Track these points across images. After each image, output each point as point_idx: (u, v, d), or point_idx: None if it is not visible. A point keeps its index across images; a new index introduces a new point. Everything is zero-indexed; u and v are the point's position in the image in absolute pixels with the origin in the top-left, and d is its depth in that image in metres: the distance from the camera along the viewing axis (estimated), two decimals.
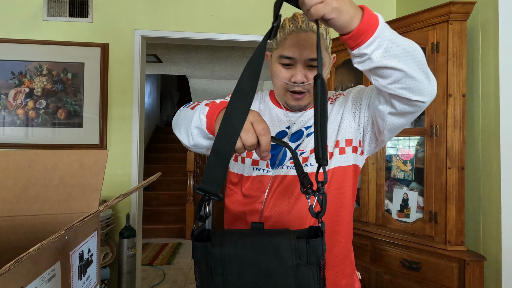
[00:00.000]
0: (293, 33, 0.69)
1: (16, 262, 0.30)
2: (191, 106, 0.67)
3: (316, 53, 0.57)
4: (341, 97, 0.78)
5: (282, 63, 0.71)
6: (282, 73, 0.71)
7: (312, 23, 0.68)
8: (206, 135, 0.58)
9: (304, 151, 0.73)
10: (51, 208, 0.63)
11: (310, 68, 0.70)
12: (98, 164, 0.68)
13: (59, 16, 2.08)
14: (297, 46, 0.68)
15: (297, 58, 0.69)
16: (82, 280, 0.59)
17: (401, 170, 1.64)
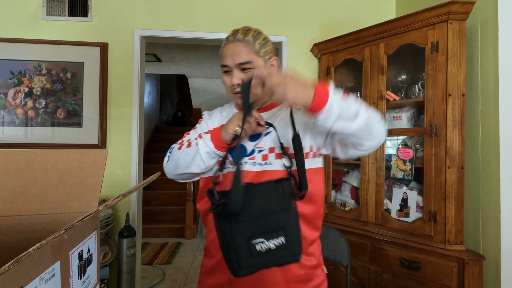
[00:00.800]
0: (225, 45, 0.85)
1: (15, 262, 0.30)
2: (185, 145, 0.83)
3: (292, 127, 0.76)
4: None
5: (223, 71, 0.86)
6: (225, 79, 0.86)
7: (240, 34, 0.83)
8: (214, 155, 0.80)
9: (263, 149, 0.83)
10: (50, 208, 0.63)
11: (244, 70, 0.83)
12: (98, 163, 0.68)
13: (59, 15, 2.08)
14: (228, 56, 0.83)
15: (231, 65, 0.83)
16: (82, 280, 0.59)
17: (400, 170, 1.64)
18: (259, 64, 0.84)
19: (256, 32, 0.85)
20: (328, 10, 2.25)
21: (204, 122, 0.97)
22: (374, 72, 1.72)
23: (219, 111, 0.99)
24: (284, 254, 0.68)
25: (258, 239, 0.67)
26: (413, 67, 1.79)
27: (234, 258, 0.66)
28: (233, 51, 0.82)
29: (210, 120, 0.97)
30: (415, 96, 1.67)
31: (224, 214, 0.67)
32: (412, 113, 1.68)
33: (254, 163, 0.82)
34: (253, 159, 0.82)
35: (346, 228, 1.76)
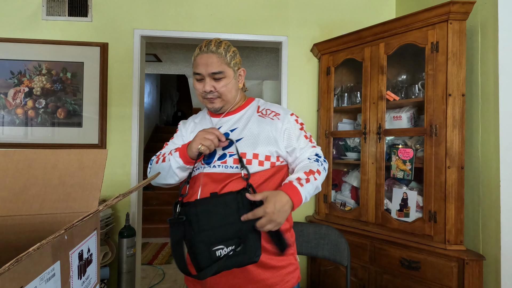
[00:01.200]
0: (198, 55, 0.93)
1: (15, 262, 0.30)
2: (160, 160, 0.97)
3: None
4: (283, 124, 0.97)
5: (196, 78, 0.95)
6: (197, 86, 0.95)
7: (212, 46, 0.92)
8: (185, 168, 0.92)
9: (234, 154, 0.92)
10: (50, 208, 0.63)
11: (216, 80, 0.93)
12: (98, 163, 0.68)
13: (59, 15, 2.08)
14: (202, 65, 0.92)
15: (203, 73, 0.92)
16: (82, 280, 0.59)
17: (400, 170, 1.64)
18: (229, 74, 0.94)
19: (227, 45, 0.95)
20: (328, 10, 2.25)
21: (179, 132, 1.08)
22: (374, 72, 1.72)
23: (193, 119, 1.09)
24: (241, 259, 0.77)
25: (218, 246, 0.77)
26: (413, 67, 1.79)
27: (196, 261, 0.76)
28: (206, 61, 0.91)
29: (184, 129, 1.07)
30: (415, 96, 1.67)
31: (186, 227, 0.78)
32: (412, 113, 1.68)
33: (226, 166, 0.91)
34: (225, 163, 0.91)
35: (346, 228, 1.76)
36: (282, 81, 2.22)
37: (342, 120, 2.05)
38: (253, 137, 0.93)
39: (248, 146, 0.92)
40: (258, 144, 0.92)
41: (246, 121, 0.97)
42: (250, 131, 0.94)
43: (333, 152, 1.99)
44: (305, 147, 0.97)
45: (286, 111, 1.00)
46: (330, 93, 1.96)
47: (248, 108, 1.02)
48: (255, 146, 0.92)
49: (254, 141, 0.92)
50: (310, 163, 0.92)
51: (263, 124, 0.95)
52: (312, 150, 0.97)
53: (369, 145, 1.73)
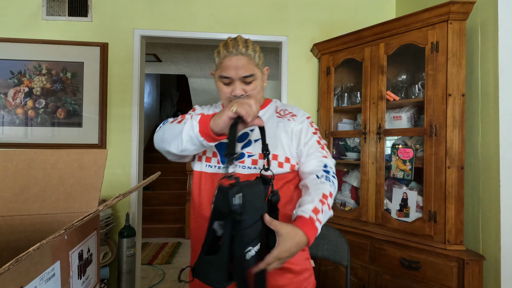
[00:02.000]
0: (227, 57, 0.85)
1: (15, 262, 0.30)
2: (177, 120, 0.84)
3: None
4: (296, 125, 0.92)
5: (223, 82, 0.87)
6: (224, 89, 0.88)
7: (241, 47, 0.85)
8: (195, 140, 0.76)
9: (252, 154, 0.88)
10: (50, 208, 0.63)
11: (246, 83, 0.87)
12: (98, 163, 0.68)
13: (58, 15, 2.08)
14: (232, 68, 0.85)
15: (234, 77, 0.85)
16: (82, 280, 0.59)
17: (400, 170, 1.64)
18: (258, 75, 0.89)
19: (253, 44, 0.90)
20: (328, 10, 2.25)
21: (197, 111, 1.00)
22: (374, 72, 1.72)
23: (213, 107, 1.02)
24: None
25: (248, 247, 0.62)
26: (413, 67, 1.79)
27: (226, 270, 0.60)
28: (237, 64, 0.85)
29: (203, 111, 1.00)
30: (415, 96, 1.67)
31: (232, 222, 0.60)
32: (412, 113, 1.68)
33: (244, 167, 0.86)
34: (243, 163, 0.86)
35: (346, 228, 1.76)
36: (282, 81, 2.22)
37: (342, 120, 2.05)
38: (272, 137, 0.89)
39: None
40: (278, 145, 0.88)
41: (265, 121, 0.92)
42: (269, 131, 0.89)
43: (333, 152, 1.99)
44: (313, 153, 0.90)
45: (303, 114, 0.96)
46: (330, 93, 1.96)
47: (268, 108, 0.98)
48: (274, 146, 0.87)
49: (273, 142, 0.88)
50: (322, 184, 0.84)
51: (281, 124, 0.92)
52: (321, 160, 0.89)
53: (369, 145, 1.73)
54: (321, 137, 0.95)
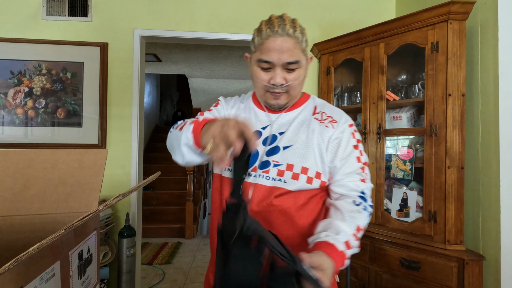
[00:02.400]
0: (270, 37, 0.71)
1: (15, 262, 0.30)
2: (180, 126, 0.73)
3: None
4: (334, 134, 0.78)
5: (261, 67, 0.74)
6: (262, 76, 0.75)
7: (288, 27, 0.71)
8: (195, 151, 0.66)
9: (280, 164, 0.74)
10: (50, 208, 0.63)
11: (288, 71, 0.73)
12: (98, 163, 0.68)
13: (58, 15, 2.08)
14: (274, 51, 0.71)
15: (275, 62, 0.72)
16: (82, 280, 0.59)
17: (400, 170, 1.64)
18: (303, 63, 0.75)
19: (301, 26, 0.75)
20: (328, 10, 2.25)
21: (219, 106, 0.88)
22: (374, 72, 1.72)
23: (239, 101, 0.90)
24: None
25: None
26: (413, 67, 1.79)
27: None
28: (282, 46, 0.71)
29: (227, 105, 0.88)
30: (415, 96, 1.67)
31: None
32: (412, 113, 1.68)
33: (268, 177, 0.74)
34: (267, 173, 0.74)
35: None
36: None
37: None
38: (305, 146, 0.76)
39: (298, 157, 0.75)
40: (309, 155, 0.75)
41: (299, 124, 0.80)
42: (302, 138, 0.77)
43: None
44: (350, 173, 0.75)
45: (345, 120, 0.81)
46: (330, 93, 1.96)
47: (304, 106, 0.84)
48: (305, 158, 0.74)
49: (304, 152, 0.75)
50: (359, 214, 0.71)
51: (318, 131, 0.78)
52: (358, 184, 0.75)
53: (369, 145, 1.73)
54: (362, 152, 0.79)
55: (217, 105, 0.89)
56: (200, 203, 4.98)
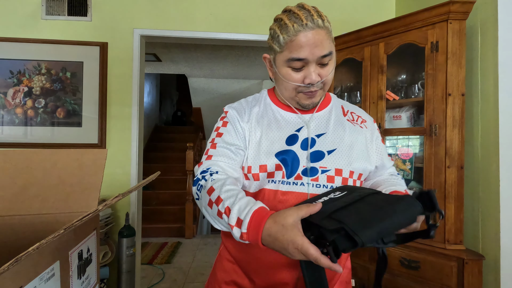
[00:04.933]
0: (300, 33, 0.64)
1: (15, 262, 0.30)
2: (208, 191, 0.62)
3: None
4: (368, 131, 0.80)
5: (292, 66, 0.67)
6: (294, 77, 0.68)
7: (316, 17, 0.65)
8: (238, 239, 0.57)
9: (328, 169, 0.70)
10: (50, 208, 0.63)
11: (321, 65, 0.68)
12: (97, 163, 0.68)
13: (58, 14, 2.08)
14: (307, 46, 0.64)
15: (310, 59, 0.65)
16: (82, 279, 0.59)
17: (400, 169, 1.64)
18: (334, 54, 0.70)
19: (324, 15, 0.69)
20: (328, 9, 2.25)
21: (232, 125, 0.75)
22: (374, 72, 1.72)
23: (251, 105, 0.79)
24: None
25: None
26: (413, 66, 1.79)
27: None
28: (315, 40, 0.64)
29: (241, 118, 0.75)
30: (414, 95, 1.67)
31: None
32: (412, 112, 1.68)
33: (318, 185, 0.69)
34: (316, 181, 0.69)
35: None
36: None
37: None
38: (348, 148, 0.73)
39: (344, 160, 0.72)
40: (353, 158, 0.73)
41: (336, 125, 0.76)
42: (344, 141, 0.74)
43: None
44: (390, 162, 0.83)
45: (370, 118, 0.83)
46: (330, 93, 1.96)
47: (332, 105, 0.80)
48: (351, 160, 0.72)
49: (349, 154, 0.72)
50: (401, 180, 0.79)
51: (355, 133, 0.76)
52: (393, 168, 0.84)
53: None
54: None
55: (226, 124, 0.75)
56: None
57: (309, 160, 0.70)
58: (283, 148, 0.70)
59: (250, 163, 0.71)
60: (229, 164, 0.70)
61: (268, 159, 0.70)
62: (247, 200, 0.59)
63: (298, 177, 0.69)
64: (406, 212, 0.53)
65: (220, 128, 0.76)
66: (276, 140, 0.72)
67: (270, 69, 0.76)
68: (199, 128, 6.32)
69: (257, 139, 0.72)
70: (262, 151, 0.71)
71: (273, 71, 0.74)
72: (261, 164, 0.70)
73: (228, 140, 0.73)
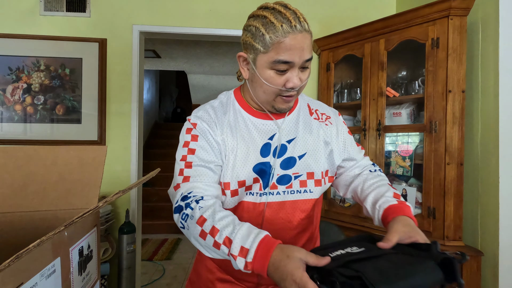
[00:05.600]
0: (290, 34, 0.61)
1: (15, 258, 0.30)
2: (208, 228, 0.59)
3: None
4: (333, 127, 0.80)
5: (276, 69, 0.64)
6: (276, 80, 0.65)
7: (303, 20, 0.63)
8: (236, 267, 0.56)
9: (300, 174, 0.72)
10: (50, 204, 0.63)
11: (303, 69, 0.66)
12: (97, 160, 0.68)
13: (56, 10, 2.06)
14: (296, 49, 0.62)
15: (296, 62, 0.63)
16: (82, 276, 0.60)
17: (400, 166, 1.64)
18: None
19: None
20: (328, 6, 2.24)
21: (204, 140, 0.70)
22: (374, 68, 1.71)
23: (218, 117, 0.73)
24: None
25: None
26: (413, 63, 1.78)
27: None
28: (303, 44, 0.62)
29: (212, 130, 0.70)
30: (415, 92, 1.66)
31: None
32: (412, 109, 1.68)
33: (292, 191, 0.71)
34: (290, 187, 0.71)
35: (346, 224, 1.77)
36: None
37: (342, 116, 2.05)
38: (317, 150, 0.74)
39: (315, 163, 0.73)
40: (321, 157, 0.74)
41: (304, 127, 0.75)
42: (312, 143, 0.74)
43: None
44: (359, 152, 0.83)
45: (334, 111, 0.84)
46: (330, 90, 1.96)
47: (300, 106, 0.79)
48: (320, 161, 0.74)
49: (318, 155, 0.74)
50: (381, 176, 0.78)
51: (322, 132, 0.76)
52: (366, 159, 0.84)
53: (368, 141, 1.73)
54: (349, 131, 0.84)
55: (197, 138, 0.70)
56: None
57: (280, 168, 0.71)
58: (259, 161, 0.70)
59: (228, 179, 0.69)
60: (208, 183, 0.66)
61: (246, 173, 0.69)
62: (247, 227, 0.57)
63: (273, 187, 0.70)
64: (426, 277, 0.51)
65: (190, 143, 0.70)
66: (251, 152, 0.70)
67: (245, 69, 0.71)
68: None
69: (233, 153, 0.69)
70: (239, 165, 0.69)
71: (250, 71, 0.69)
72: (239, 180, 0.69)
73: (204, 157, 0.68)
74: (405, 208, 0.65)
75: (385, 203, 0.66)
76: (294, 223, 0.72)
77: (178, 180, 0.67)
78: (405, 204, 0.66)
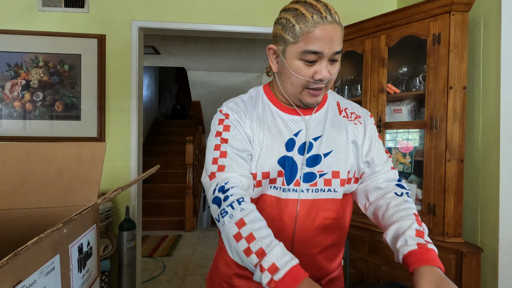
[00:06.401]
0: (319, 25, 0.61)
1: (14, 256, 0.30)
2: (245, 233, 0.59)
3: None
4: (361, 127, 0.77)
5: (305, 59, 0.64)
6: (304, 71, 0.65)
7: (333, 12, 0.64)
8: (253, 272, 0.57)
9: (325, 172, 0.71)
10: (49, 201, 0.63)
11: (332, 62, 0.66)
12: (97, 157, 0.67)
13: (55, 6, 2.04)
14: (325, 40, 0.62)
15: (325, 53, 0.63)
16: (82, 273, 0.59)
17: (400, 163, 1.64)
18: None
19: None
20: (329, 1, 2.22)
21: (237, 130, 0.71)
22: (375, 65, 1.70)
23: (248, 110, 0.74)
24: None
25: None
26: (414, 59, 1.77)
27: None
28: (333, 35, 0.62)
29: (242, 122, 0.72)
30: (416, 88, 1.66)
31: None
32: (413, 106, 1.67)
33: (316, 190, 0.71)
34: (315, 185, 0.70)
35: None
36: None
37: None
38: (344, 149, 0.73)
39: (341, 162, 0.72)
40: (348, 157, 0.73)
41: (331, 125, 0.74)
42: (339, 141, 0.73)
43: None
44: (386, 162, 0.77)
45: (365, 112, 0.81)
46: None
47: (328, 104, 0.78)
48: (347, 160, 0.72)
49: (345, 155, 0.72)
50: (408, 203, 0.71)
51: (351, 130, 0.75)
52: (393, 172, 0.77)
53: None
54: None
55: (229, 128, 0.71)
56: (200, 196, 5.00)
57: (306, 165, 0.70)
58: (283, 154, 0.70)
59: (253, 169, 0.70)
60: (242, 173, 0.67)
61: (271, 165, 0.69)
62: (282, 247, 0.58)
63: (297, 183, 0.70)
64: None
65: (223, 133, 0.71)
66: (276, 144, 0.71)
67: (274, 62, 0.72)
68: (199, 121, 6.30)
69: (259, 145, 0.70)
70: (265, 157, 0.70)
71: (279, 64, 0.70)
72: (264, 171, 0.69)
73: (237, 146, 0.69)
74: (428, 254, 0.59)
75: (404, 246, 0.62)
76: (316, 222, 0.72)
77: (213, 168, 0.68)
78: (427, 248, 0.60)
